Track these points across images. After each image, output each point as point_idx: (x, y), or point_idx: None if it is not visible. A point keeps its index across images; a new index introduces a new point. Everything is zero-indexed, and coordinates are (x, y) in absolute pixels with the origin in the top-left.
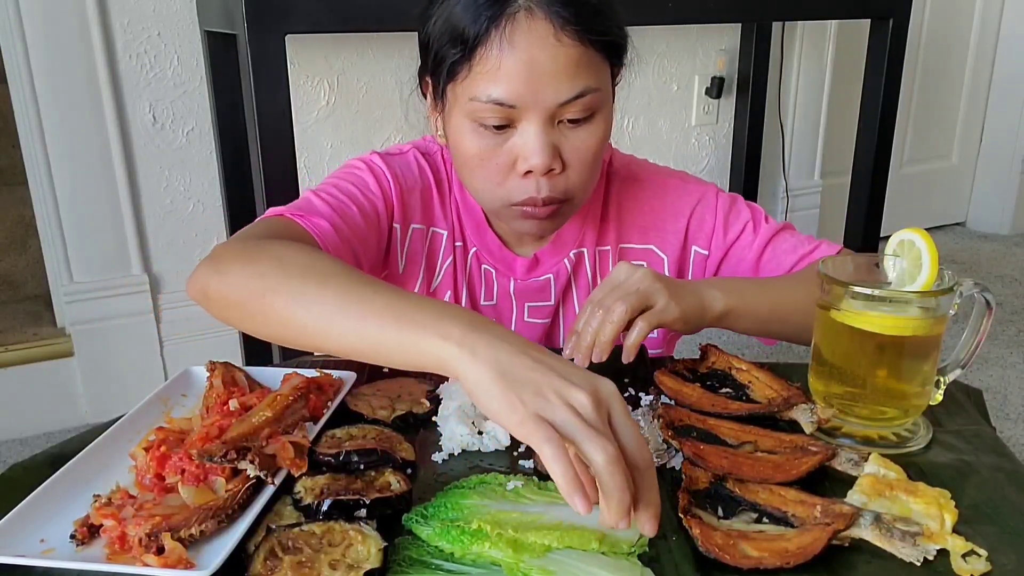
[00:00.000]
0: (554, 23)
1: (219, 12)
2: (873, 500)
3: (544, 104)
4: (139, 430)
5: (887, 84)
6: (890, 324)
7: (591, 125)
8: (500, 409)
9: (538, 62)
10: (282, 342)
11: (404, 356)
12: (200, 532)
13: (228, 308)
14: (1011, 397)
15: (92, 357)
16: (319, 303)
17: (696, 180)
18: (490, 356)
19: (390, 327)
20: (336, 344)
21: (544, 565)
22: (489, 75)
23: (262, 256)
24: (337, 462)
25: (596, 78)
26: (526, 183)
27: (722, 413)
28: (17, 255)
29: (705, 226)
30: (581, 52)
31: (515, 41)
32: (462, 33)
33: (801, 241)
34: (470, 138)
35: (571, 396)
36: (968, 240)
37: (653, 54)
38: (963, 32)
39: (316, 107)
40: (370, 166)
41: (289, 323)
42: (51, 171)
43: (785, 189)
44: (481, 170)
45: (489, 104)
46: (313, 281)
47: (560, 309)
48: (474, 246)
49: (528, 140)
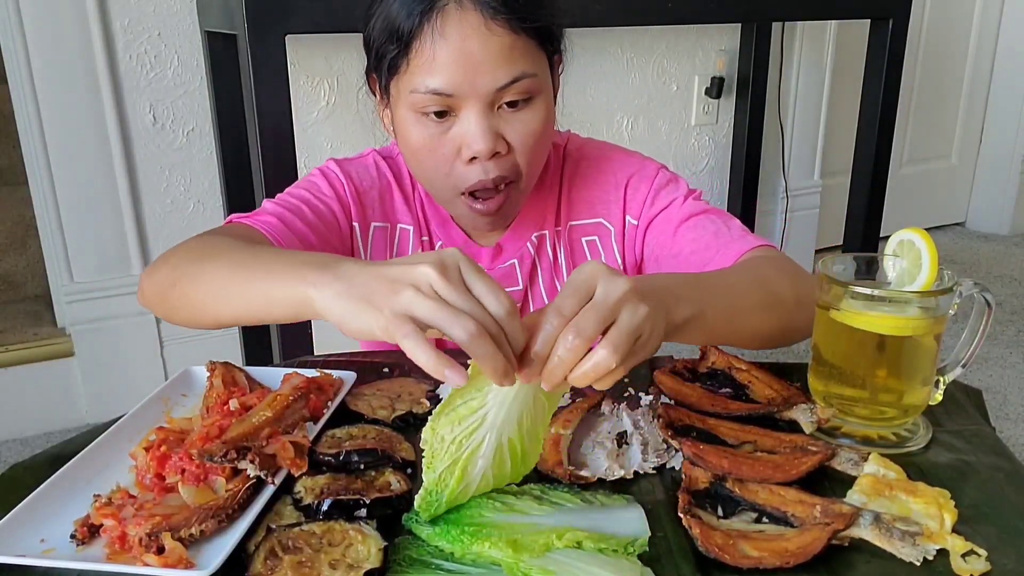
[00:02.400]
0: (483, 13)
1: (219, 12)
2: (873, 500)
3: (481, 91)
4: (139, 430)
5: (887, 84)
6: (890, 324)
7: (530, 108)
8: (363, 323)
9: (470, 51)
10: (200, 324)
11: (280, 307)
12: (200, 532)
13: (160, 305)
14: (1011, 397)
15: (92, 357)
16: (213, 278)
17: (641, 155)
18: (340, 284)
19: (262, 283)
20: (232, 312)
21: (544, 565)
22: (425, 67)
23: (177, 251)
24: (337, 462)
25: (531, 64)
26: (473, 169)
27: (722, 413)
28: (17, 255)
29: (638, 195)
30: (513, 39)
31: (446, 32)
32: (398, 29)
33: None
34: (414, 129)
35: (417, 277)
36: (968, 240)
37: (653, 54)
38: (963, 32)
39: (316, 107)
40: (324, 172)
41: (197, 303)
42: (51, 171)
43: (785, 189)
44: (429, 160)
45: (428, 95)
46: (209, 260)
47: (528, 293)
48: (439, 239)
49: (470, 127)
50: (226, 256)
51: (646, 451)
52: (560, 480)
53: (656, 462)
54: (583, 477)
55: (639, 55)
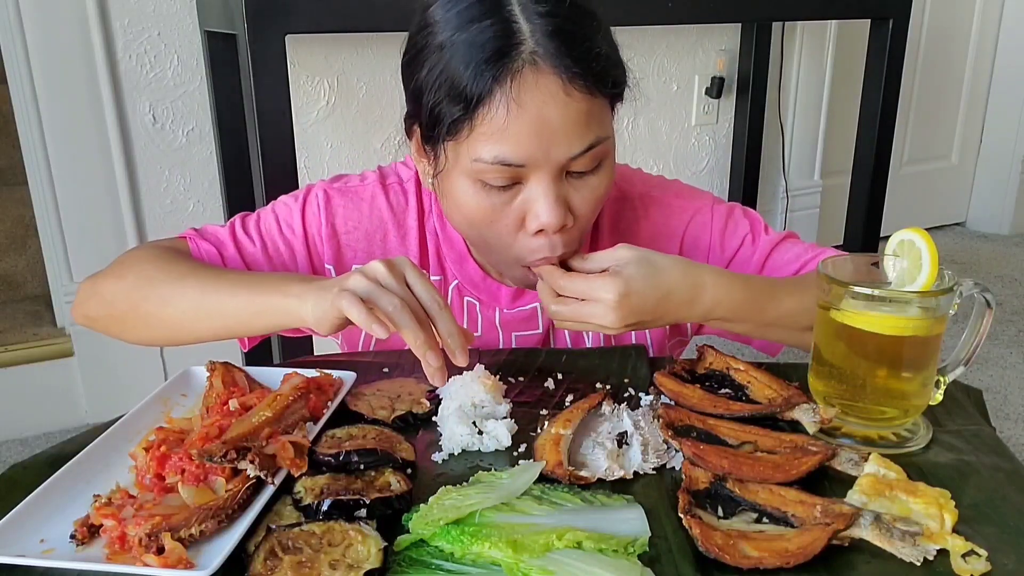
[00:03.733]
0: (562, 77)
1: (219, 12)
2: (873, 500)
3: (554, 161)
4: (139, 430)
5: (887, 84)
6: (890, 324)
7: (599, 172)
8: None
9: (547, 120)
10: (166, 342)
11: (262, 319)
12: (200, 532)
13: (111, 324)
14: (1011, 397)
15: (92, 357)
16: (183, 298)
17: (689, 193)
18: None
19: (243, 297)
20: (208, 327)
21: (544, 565)
22: (495, 135)
23: (128, 272)
24: (337, 462)
25: (604, 126)
26: (538, 242)
27: (724, 414)
28: (17, 255)
29: (700, 243)
30: (590, 104)
31: (522, 100)
32: (463, 91)
33: (805, 249)
34: (474, 198)
35: (368, 271)
36: (968, 240)
37: (653, 54)
38: (963, 32)
39: (316, 107)
40: (306, 203)
41: (165, 322)
42: (51, 171)
43: (785, 189)
44: (488, 229)
45: (496, 165)
46: (173, 282)
47: (550, 336)
48: (455, 278)
49: (539, 198)
50: (192, 278)
51: (646, 451)
52: (560, 480)
53: (656, 462)
54: (583, 477)
55: (639, 55)
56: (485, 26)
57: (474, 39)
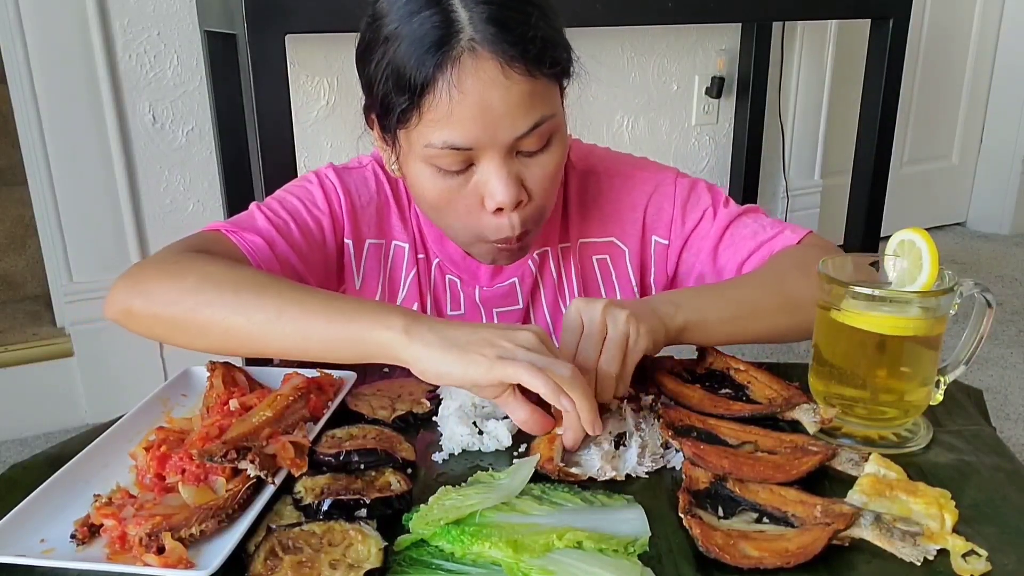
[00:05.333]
0: (500, 61)
1: (219, 12)
2: (873, 500)
3: (501, 141)
4: (139, 430)
5: (887, 84)
6: (890, 324)
7: (549, 149)
8: (464, 371)
9: (489, 103)
10: (221, 352)
11: (352, 347)
12: (200, 532)
13: (156, 326)
14: (1011, 397)
15: (92, 357)
16: (259, 310)
17: (654, 166)
18: (434, 335)
19: (336, 323)
20: (280, 345)
21: (544, 565)
22: (441, 121)
23: (188, 273)
24: (337, 462)
25: (549, 105)
26: (498, 221)
27: (724, 414)
28: (17, 255)
29: (663, 215)
30: (531, 85)
31: (464, 86)
32: (408, 80)
33: (762, 226)
34: (431, 182)
35: (519, 339)
36: (968, 240)
37: (653, 54)
38: (963, 32)
39: (316, 107)
40: (322, 181)
41: (230, 332)
42: (51, 171)
43: (785, 189)
44: (448, 210)
45: (445, 150)
46: (248, 291)
47: (530, 311)
48: (436, 257)
49: (491, 178)
50: (271, 290)
51: (642, 455)
52: (550, 476)
53: (651, 467)
54: (572, 475)
55: (639, 55)
56: (426, 17)
57: (416, 30)
